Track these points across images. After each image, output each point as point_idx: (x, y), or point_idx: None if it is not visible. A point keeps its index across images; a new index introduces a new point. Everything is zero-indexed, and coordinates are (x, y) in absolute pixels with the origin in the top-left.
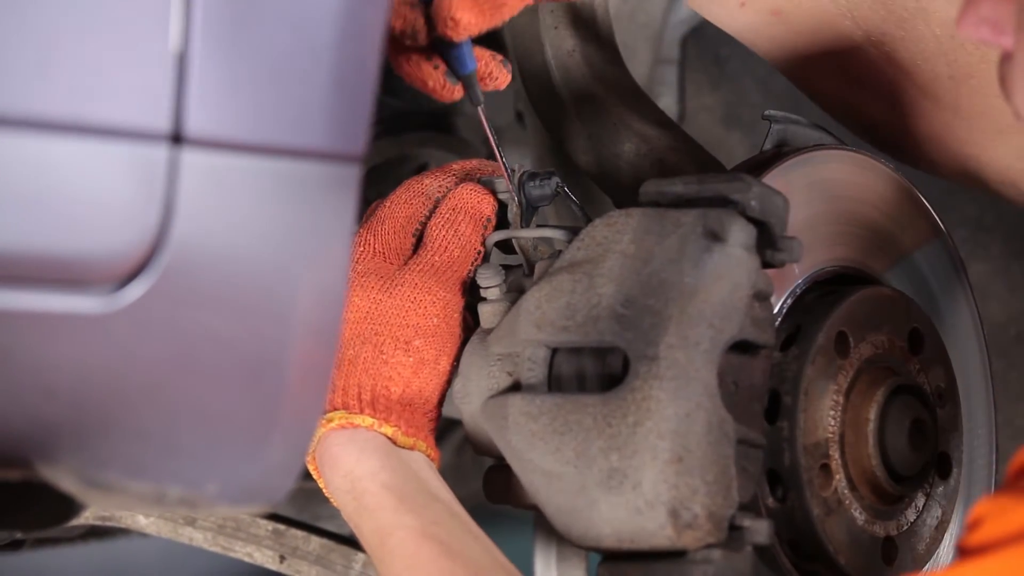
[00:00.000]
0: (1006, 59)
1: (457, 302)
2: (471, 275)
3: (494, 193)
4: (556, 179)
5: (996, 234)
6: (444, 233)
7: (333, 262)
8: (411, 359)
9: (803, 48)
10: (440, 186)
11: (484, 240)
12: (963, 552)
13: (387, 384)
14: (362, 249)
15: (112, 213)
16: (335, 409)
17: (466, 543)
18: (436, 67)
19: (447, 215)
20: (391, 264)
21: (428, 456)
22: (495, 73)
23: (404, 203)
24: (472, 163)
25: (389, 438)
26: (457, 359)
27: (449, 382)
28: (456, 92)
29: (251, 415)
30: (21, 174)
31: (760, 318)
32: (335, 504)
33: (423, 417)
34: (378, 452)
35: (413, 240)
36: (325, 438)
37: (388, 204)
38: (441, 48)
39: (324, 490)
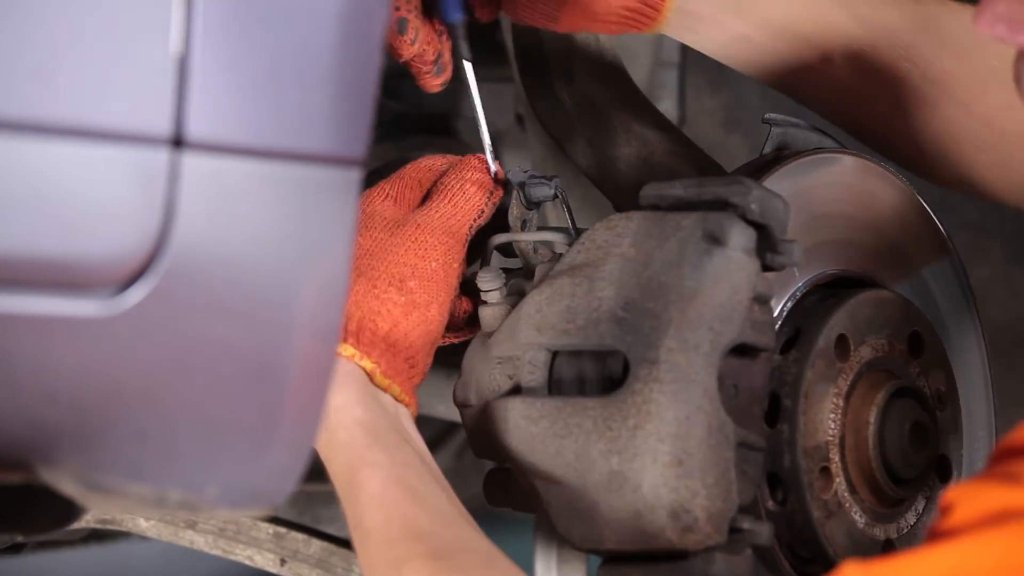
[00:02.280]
0: (1021, 57)
1: (458, 253)
2: (471, 232)
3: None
4: (557, 181)
5: (997, 238)
6: (451, 187)
7: (334, 266)
8: (403, 298)
9: (788, 65)
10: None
11: (487, 201)
12: (932, 536)
13: (374, 319)
14: (376, 192)
15: (113, 217)
16: None
17: (433, 491)
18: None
19: (456, 175)
20: (400, 210)
21: (402, 402)
22: (443, 61)
23: (425, 168)
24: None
25: (367, 373)
26: (446, 311)
27: (436, 334)
28: (431, 80)
29: (252, 418)
30: (22, 178)
31: (760, 321)
32: None
33: (404, 363)
34: (355, 385)
35: (422, 196)
36: None
37: (412, 165)
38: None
39: None
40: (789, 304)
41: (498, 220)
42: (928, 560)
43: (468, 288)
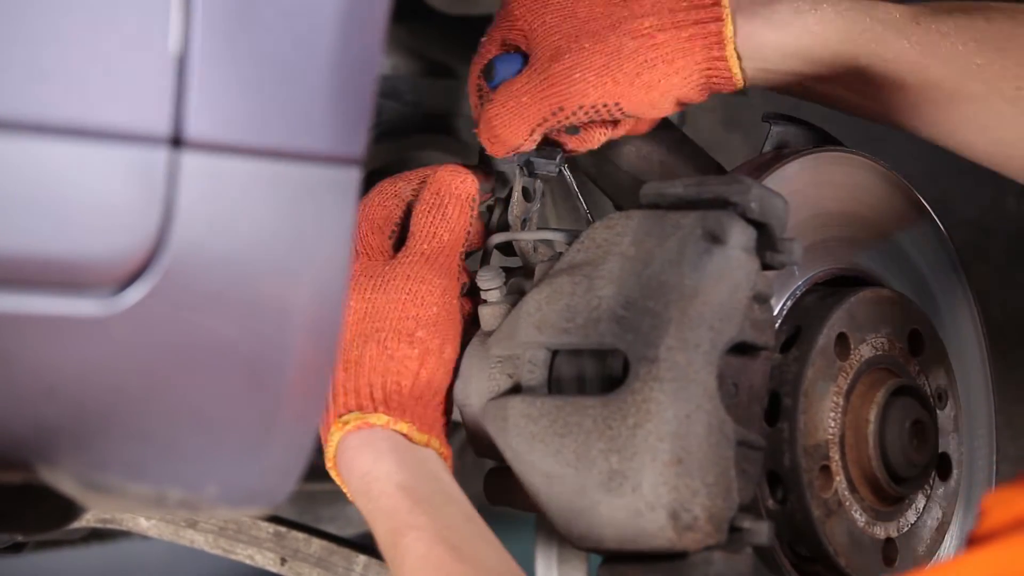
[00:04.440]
0: None
1: (453, 287)
2: (464, 257)
3: (490, 172)
4: (560, 154)
5: (996, 236)
6: (430, 219)
7: (333, 264)
8: (416, 350)
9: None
10: (412, 188)
11: (471, 218)
12: (970, 542)
13: (397, 379)
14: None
15: (112, 216)
16: (349, 411)
17: (479, 548)
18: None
19: (430, 200)
20: (377, 263)
21: (441, 454)
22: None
23: (377, 205)
24: (447, 167)
25: (404, 435)
26: (463, 346)
27: (456, 370)
28: None
29: (251, 417)
30: (21, 177)
31: (760, 320)
32: (357, 507)
33: (435, 411)
34: (394, 452)
35: (391, 240)
36: (343, 442)
37: (362, 207)
38: None
39: (348, 495)
40: (789, 302)
41: (497, 200)
42: (962, 567)
43: (468, 287)
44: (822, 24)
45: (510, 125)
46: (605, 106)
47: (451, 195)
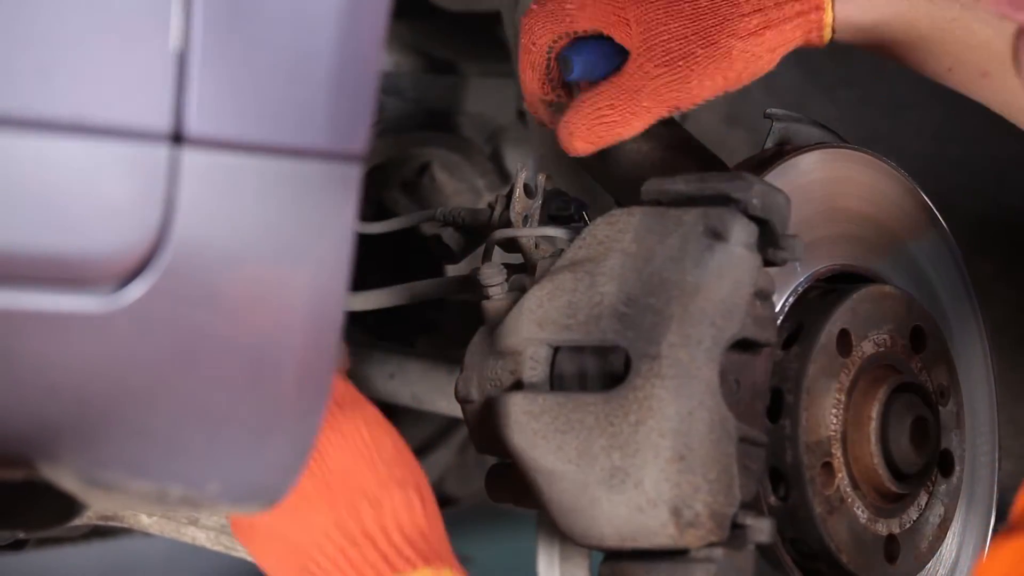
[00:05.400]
0: (1020, 34)
1: (372, 409)
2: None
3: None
4: (579, 207)
5: (999, 232)
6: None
7: (334, 260)
8: (410, 491)
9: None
10: None
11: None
12: (1009, 528)
13: (413, 523)
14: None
15: (112, 213)
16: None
17: None
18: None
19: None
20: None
21: None
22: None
23: None
24: None
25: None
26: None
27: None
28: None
29: (252, 414)
30: (21, 174)
31: (762, 316)
32: None
33: (445, 541)
34: None
35: None
36: None
37: None
38: None
39: None
40: (791, 299)
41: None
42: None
43: (471, 283)
44: (912, 6)
45: (627, 124)
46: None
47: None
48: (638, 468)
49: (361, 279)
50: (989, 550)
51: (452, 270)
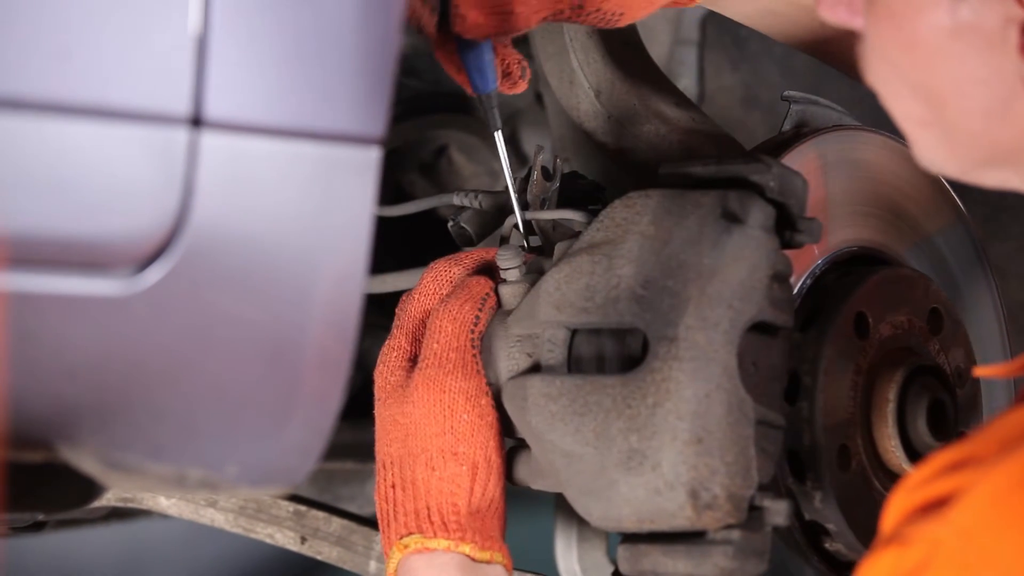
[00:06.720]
0: (861, 39)
1: (475, 384)
2: (476, 347)
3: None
4: (596, 189)
5: (1016, 213)
6: (439, 318)
7: (353, 243)
8: (464, 467)
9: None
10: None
11: (480, 312)
12: (877, 545)
13: (452, 500)
14: (396, 356)
15: (132, 196)
16: (410, 533)
17: None
18: (459, 71)
19: (443, 301)
20: (401, 373)
21: (504, 565)
22: (514, 75)
23: (432, 294)
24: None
25: (467, 555)
26: (501, 439)
27: (504, 467)
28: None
29: (270, 397)
30: (42, 158)
31: (779, 299)
32: None
33: (495, 521)
34: (456, 573)
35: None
36: (404, 563)
37: (416, 298)
38: (464, 56)
39: None
40: (808, 282)
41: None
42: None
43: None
44: None
45: (528, 3)
46: (613, 14)
47: (463, 294)
48: (656, 450)
49: (379, 262)
50: (860, 570)
51: None
